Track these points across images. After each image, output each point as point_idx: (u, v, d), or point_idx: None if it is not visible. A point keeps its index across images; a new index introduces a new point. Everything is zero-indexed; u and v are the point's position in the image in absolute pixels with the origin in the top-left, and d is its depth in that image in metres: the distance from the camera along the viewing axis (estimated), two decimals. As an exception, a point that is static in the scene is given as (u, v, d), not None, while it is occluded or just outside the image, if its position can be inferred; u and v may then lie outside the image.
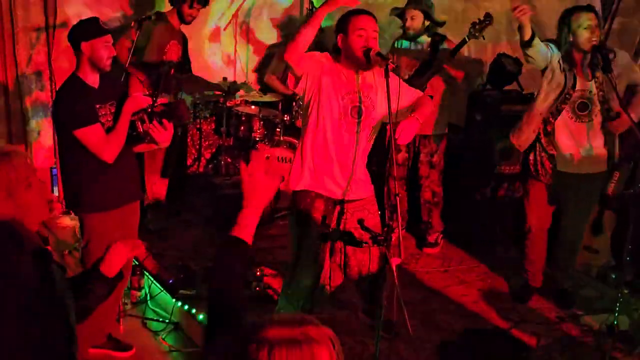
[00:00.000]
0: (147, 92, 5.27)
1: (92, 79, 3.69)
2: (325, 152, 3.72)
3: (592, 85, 4.32)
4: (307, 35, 3.50)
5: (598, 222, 4.92)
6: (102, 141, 3.63)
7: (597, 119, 4.37)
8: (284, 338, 1.51)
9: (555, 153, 4.47)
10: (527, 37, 4.18)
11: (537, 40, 4.22)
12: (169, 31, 5.64)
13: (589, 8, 4.32)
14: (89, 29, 3.65)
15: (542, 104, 4.44)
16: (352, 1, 3.55)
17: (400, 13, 5.43)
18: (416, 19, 5.29)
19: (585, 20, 4.21)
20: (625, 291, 4.33)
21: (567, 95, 4.34)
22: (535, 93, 4.69)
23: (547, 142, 4.48)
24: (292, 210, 3.89)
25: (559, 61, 4.34)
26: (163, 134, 3.67)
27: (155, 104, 3.72)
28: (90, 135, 3.60)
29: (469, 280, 5.09)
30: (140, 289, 4.77)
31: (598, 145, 4.42)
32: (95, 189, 3.75)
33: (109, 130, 3.68)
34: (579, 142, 4.41)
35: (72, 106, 3.60)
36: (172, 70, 5.45)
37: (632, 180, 4.58)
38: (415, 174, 5.53)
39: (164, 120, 3.65)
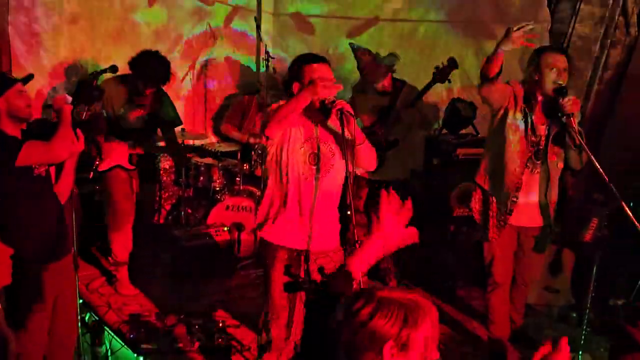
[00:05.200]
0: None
1: (14, 131, 3.54)
2: (288, 200, 3.67)
3: (543, 129, 4.14)
4: (290, 119, 3.49)
5: (557, 262, 4.98)
6: (44, 144, 3.51)
7: (545, 166, 4.18)
8: (392, 299, 1.64)
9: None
10: (494, 72, 3.93)
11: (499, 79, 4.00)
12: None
13: (562, 50, 4.13)
14: None
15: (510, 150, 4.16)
16: (335, 88, 3.47)
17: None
18: (387, 79, 5.27)
19: (555, 62, 4.01)
20: (588, 329, 4.37)
21: (531, 144, 4.13)
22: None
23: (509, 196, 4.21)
24: (260, 260, 3.87)
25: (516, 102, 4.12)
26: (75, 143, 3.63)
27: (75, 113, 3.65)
28: (28, 149, 3.46)
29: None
30: (100, 344, 4.67)
31: (548, 196, 4.22)
32: (16, 241, 3.55)
33: (39, 179, 3.57)
34: (531, 195, 4.21)
35: None
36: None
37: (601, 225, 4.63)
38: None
39: (78, 130, 3.63)
